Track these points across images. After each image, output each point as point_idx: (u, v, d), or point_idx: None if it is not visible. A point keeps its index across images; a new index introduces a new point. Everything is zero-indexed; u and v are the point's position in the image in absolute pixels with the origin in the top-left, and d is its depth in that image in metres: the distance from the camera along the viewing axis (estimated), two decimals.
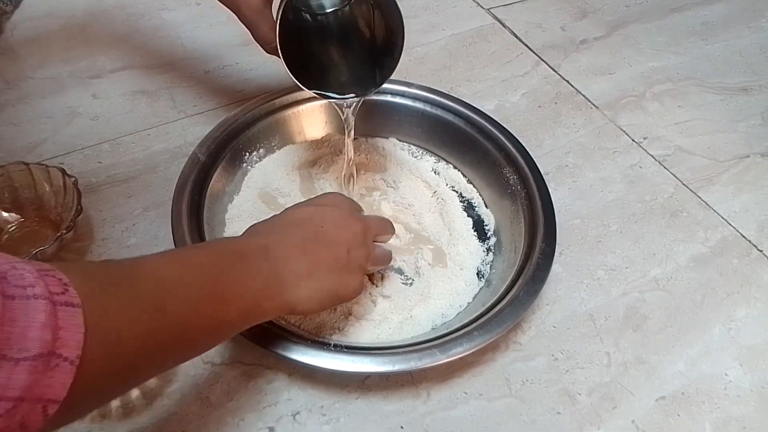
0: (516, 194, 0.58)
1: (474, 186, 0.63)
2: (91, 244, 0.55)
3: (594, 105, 0.74)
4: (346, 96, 0.52)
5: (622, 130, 0.71)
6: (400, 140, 0.66)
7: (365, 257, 0.45)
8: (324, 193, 0.51)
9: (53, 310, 0.26)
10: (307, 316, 0.50)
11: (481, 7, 0.87)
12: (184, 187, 0.53)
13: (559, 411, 0.48)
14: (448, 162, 0.65)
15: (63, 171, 0.54)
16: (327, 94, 0.52)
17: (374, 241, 0.49)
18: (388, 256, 0.51)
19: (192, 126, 0.65)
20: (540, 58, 0.80)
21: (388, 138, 0.66)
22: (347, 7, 0.53)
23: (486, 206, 0.61)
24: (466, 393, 0.48)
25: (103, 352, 0.28)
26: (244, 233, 0.43)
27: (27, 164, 0.54)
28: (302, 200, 0.48)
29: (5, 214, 0.55)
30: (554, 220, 0.55)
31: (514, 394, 0.49)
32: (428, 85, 0.65)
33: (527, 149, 0.60)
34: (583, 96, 0.75)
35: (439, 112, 0.64)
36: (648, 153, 0.69)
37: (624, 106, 0.74)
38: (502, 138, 0.61)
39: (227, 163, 0.58)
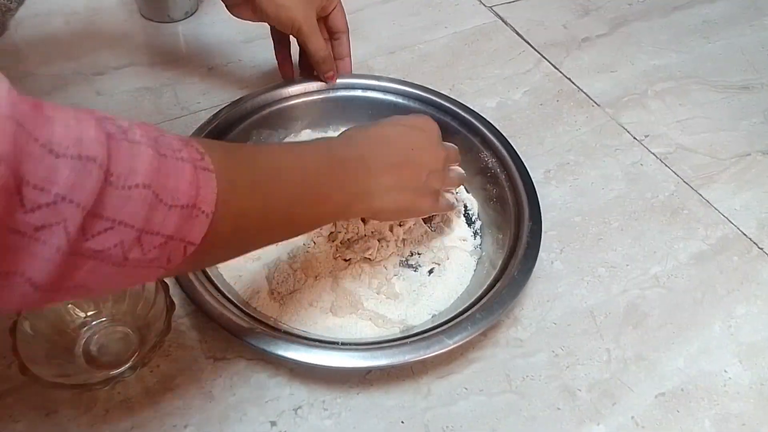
0: (497, 177, 0.59)
1: None
2: None
3: (596, 103, 0.74)
4: None
5: (623, 127, 0.71)
6: None
7: (441, 182, 0.51)
8: (414, 114, 0.55)
9: (195, 172, 0.31)
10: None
11: (483, 4, 0.88)
12: None
13: (559, 407, 0.48)
14: None
15: None
16: None
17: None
18: (461, 179, 0.56)
19: (196, 123, 0.65)
20: (542, 55, 0.80)
21: None
22: None
23: (467, 191, 0.62)
24: (466, 388, 0.49)
25: (227, 214, 0.33)
26: (342, 137, 0.48)
27: None
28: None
29: None
30: (536, 198, 0.56)
31: (514, 389, 0.49)
32: (410, 81, 0.66)
33: (501, 131, 0.62)
34: (585, 94, 0.75)
35: (411, 102, 0.65)
36: (649, 151, 0.69)
37: (626, 104, 0.74)
38: (476, 123, 0.62)
39: None
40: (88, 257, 0.27)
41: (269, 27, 0.63)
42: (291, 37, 0.62)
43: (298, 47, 0.63)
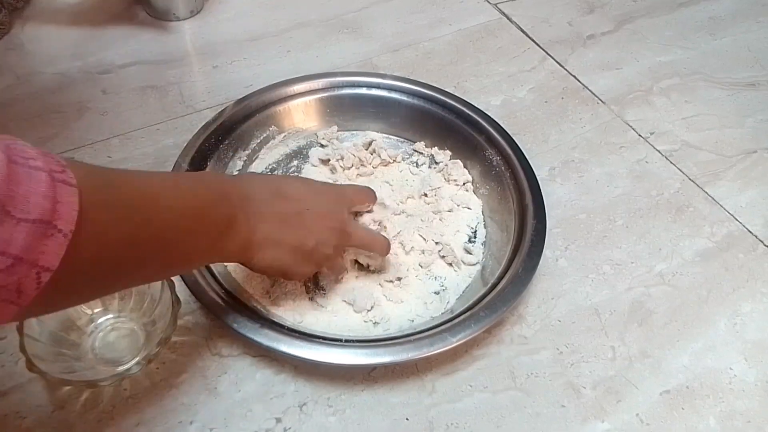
0: (501, 175, 0.59)
1: None
2: None
3: (601, 100, 0.74)
4: None
5: (628, 125, 0.71)
6: (377, 132, 0.66)
7: (326, 257, 0.48)
8: (330, 183, 0.52)
9: (52, 183, 0.27)
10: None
11: (488, 2, 0.87)
12: None
13: (564, 404, 0.48)
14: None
15: None
16: None
17: (365, 254, 0.52)
18: (340, 270, 0.53)
19: (200, 121, 0.65)
20: (547, 53, 0.80)
21: (365, 131, 0.66)
22: None
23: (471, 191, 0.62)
24: (471, 386, 0.49)
25: (91, 237, 0.29)
26: (237, 177, 0.45)
27: None
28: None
29: None
30: (541, 195, 0.56)
31: (518, 387, 0.49)
32: (419, 79, 0.66)
33: (505, 129, 0.62)
34: (590, 91, 0.75)
35: (416, 101, 0.65)
36: (655, 148, 0.69)
37: (631, 101, 0.74)
38: (481, 121, 0.62)
39: (211, 169, 0.58)
40: None
41: None
42: None
43: None
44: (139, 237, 0.34)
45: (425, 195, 0.60)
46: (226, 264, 0.53)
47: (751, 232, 0.61)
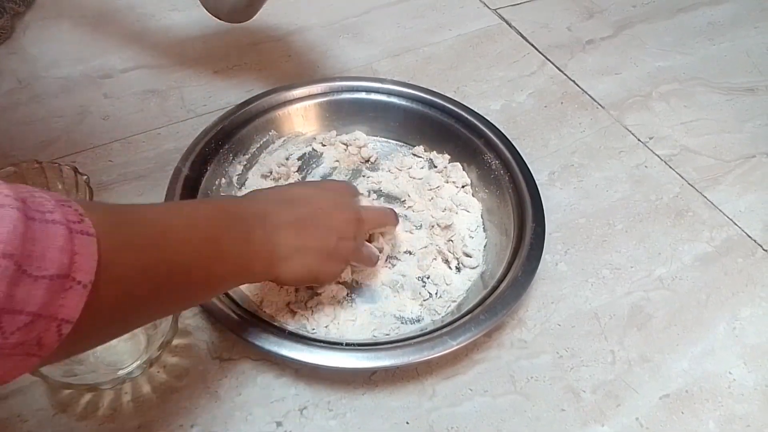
0: (500, 179, 0.59)
1: None
2: None
3: (600, 105, 0.74)
4: None
5: (628, 129, 0.72)
6: (371, 135, 0.67)
7: (351, 250, 0.47)
8: (329, 179, 0.52)
9: (70, 236, 0.27)
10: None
11: (488, 7, 0.88)
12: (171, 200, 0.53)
13: (564, 408, 0.48)
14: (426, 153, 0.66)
15: (75, 169, 0.55)
16: None
17: (378, 232, 0.51)
18: (373, 259, 0.51)
19: (201, 125, 0.65)
20: (546, 58, 0.80)
21: (365, 134, 0.67)
22: None
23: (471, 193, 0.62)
24: (471, 389, 0.49)
25: (111, 282, 0.29)
26: (245, 196, 0.45)
27: (40, 162, 0.55)
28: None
29: None
30: (540, 199, 0.56)
31: (518, 391, 0.49)
32: (416, 83, 0.67)
33: (505, 133, 0.62)
34: (589, 96, 0.75)
35: (415, 105, 0.65)
36: (654, 153, 0.69)
37: (630, 106, 0.75)
38: (480, 125, 0.62)
39: (211, 174, 0.58)
40: None
41: None
42: None
43: None
44: (159, 274, 0.34)
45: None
46: None
47: (750, 236, 0.62)
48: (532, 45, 0.82)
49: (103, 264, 0.28)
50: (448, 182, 0.62)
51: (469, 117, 0.63)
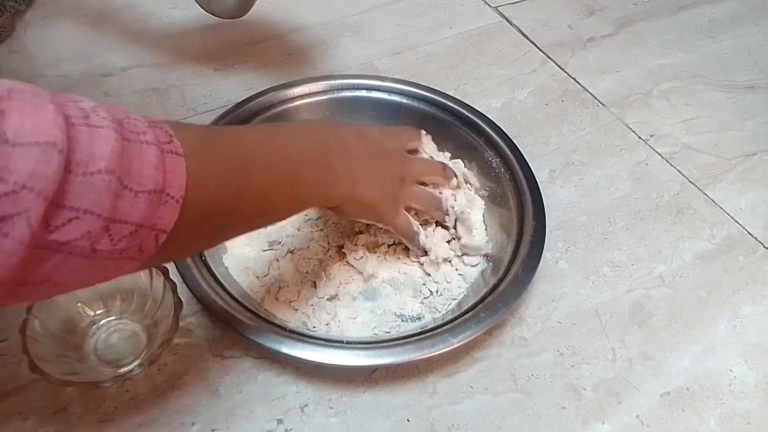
0: (501, 177, 0.59)
1: None
2: None
3: (601, 103, 0.74)
4: None
5: (628, 127, 0.72)
6: None
7: (405, 195, 0.51)
8: (398, 127, 0.57)
9: (161, 156, 0.30)
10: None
11: (488, 5, 0.88)
12: None
13: (564, 406, 0.48)
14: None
15: None
16: None
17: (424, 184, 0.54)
18: (432, 199, 0.54)
19: (202, 123, 0.66)
20: (547, 56, 0.80)
21: None
22: None
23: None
24: (472, 387, 0.49)
25: (199, 199, 0.33)
26: (322, 124, 0.50)
27: None
28: None
29: None
30: (541, 197, 0.56)
31: (519, 388, 0.49)
32: (422, 82, 0.66)
33: (505, 131, 0.62)
34: (590, 94, 0.75)
35: (415, 103, 0.65)
36: (655, 150, 0.69)
37: (631, 104, 0.74)
38: (481, 123, 0.62)
39: None
40: (54, 250, 0.26)
41: None
42: None
43: None
44: (242, 194, 0.37)
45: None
46: (227, 265, 0.53)
47: (751, 234, 0.62)
48: (533, 43, 0.82)
49: (191, 183, 0.31)
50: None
51: (469, 115, 0.63)
